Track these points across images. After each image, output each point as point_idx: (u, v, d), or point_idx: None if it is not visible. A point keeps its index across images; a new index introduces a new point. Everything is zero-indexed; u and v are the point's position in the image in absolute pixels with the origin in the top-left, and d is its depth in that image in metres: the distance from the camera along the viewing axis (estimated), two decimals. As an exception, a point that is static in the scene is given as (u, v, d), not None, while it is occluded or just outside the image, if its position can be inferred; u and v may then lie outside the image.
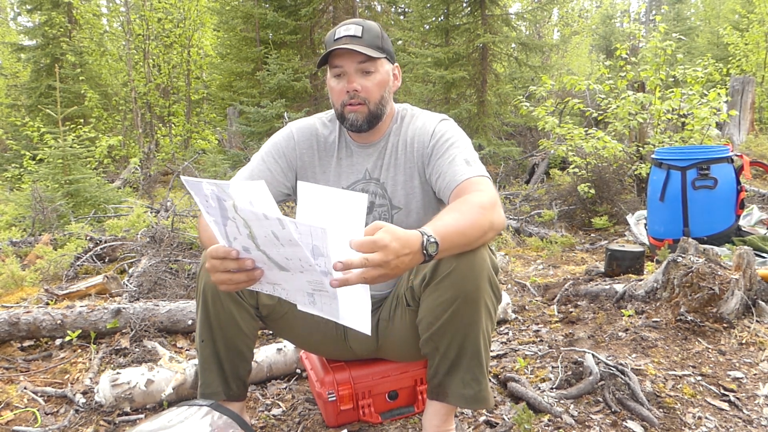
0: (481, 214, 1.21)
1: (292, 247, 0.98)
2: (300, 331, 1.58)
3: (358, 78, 1.43)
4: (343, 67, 1.43)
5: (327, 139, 1.58)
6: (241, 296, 1.44)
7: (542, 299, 2.83)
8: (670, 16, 19.19)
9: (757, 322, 2.12)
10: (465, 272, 1.26)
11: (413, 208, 1.53)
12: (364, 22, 1.45)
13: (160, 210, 4.73)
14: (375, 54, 1.42)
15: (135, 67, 13.15)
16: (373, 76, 1.44)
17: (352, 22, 1.45)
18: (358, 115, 1.46)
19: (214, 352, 1.48)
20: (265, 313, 1.51)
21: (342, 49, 1.40)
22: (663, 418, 1.61)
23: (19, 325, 2.27)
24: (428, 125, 1.52)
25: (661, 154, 3.51)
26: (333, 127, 1.60)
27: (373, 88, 1.45)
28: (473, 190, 1.30)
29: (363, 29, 1.43)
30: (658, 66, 5.13)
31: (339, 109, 1.48)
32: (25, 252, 4.06)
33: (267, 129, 8.88)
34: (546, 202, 5.62)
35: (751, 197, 4.89)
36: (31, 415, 1.83)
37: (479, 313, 1.30)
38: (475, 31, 9.03)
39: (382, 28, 1.50)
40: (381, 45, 1.45)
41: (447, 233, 1.13)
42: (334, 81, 1.47)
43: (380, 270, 1.00)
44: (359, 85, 1.43)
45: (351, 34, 1.42)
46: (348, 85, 1.44)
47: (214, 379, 1.49)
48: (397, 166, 1.53)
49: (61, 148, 5.70)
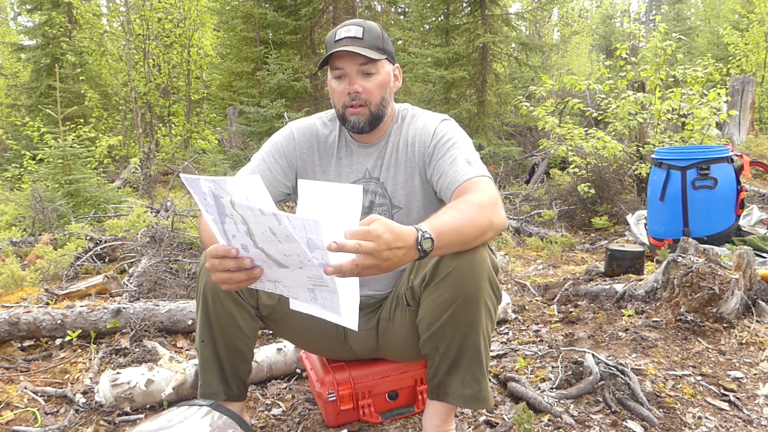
0: (480, 213, 1.21)
1: (289, 243, 0.98)
2: (300, 331, 1.58)
3: (359, 79, 1.43)
4: (344, 69, 1.43)
5: (327, 139, 1.59)
6: (242, 296, 1.44)
7: (542, 299, 2.83)
8: (670, 16, 19.20)
9: (757, 322, 2.12)
10: (465, 272, 1.26)
11: (414, 207, 1.53)
12: (364, 23, 1.45)
13: (160, 210, 4.74)
14: (376, 56, 1.42)
15: (135, 67, 13.15)
16: (374, 78, 1.44)
17: (352, 23, 1.45)
18: (360, 117, 1.46)
19: (214, 352, 1.48)
20: (265, 313, 1.51)
21: (343, 51, 1.40)
22: (663, 418, 1.61)
23: (19, 325, 2.27)
24: (429, 125, 1.52)
25: (661, 154, 3.51)
26: (333, 126, 1.60)
27: (374, 90, 1.45)
28: (474, 190, 1.30)
29: (364, 30, 1.43)
30: (658, 66, 5.13)
31: (340, 110, 1.48)
32: (25, 252, 4.06)
33: (267, 129, 8.87)
34: (546, 202, 5.62)
35: (751, 197, 4.89)
36: (31, 415, 1.83)
37: (479, 313, 1.30)
38: (475, 31, 9.03)
39: (383, 29, 1.50)
40: (382, 46, 1.45)
41: (443, 230, 1.12)
42: (335, 82, 1.47)
43: (371, 259, 1.00)
44: (360, 86, 1.43)
45: (352, 35, 1.42)
46: (349, 86, 1.44)
47: (214, 379, 1.49)
48: (398, 166, 1.54)
49: (61, 148, 5.70)
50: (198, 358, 1.52)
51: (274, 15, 10.62)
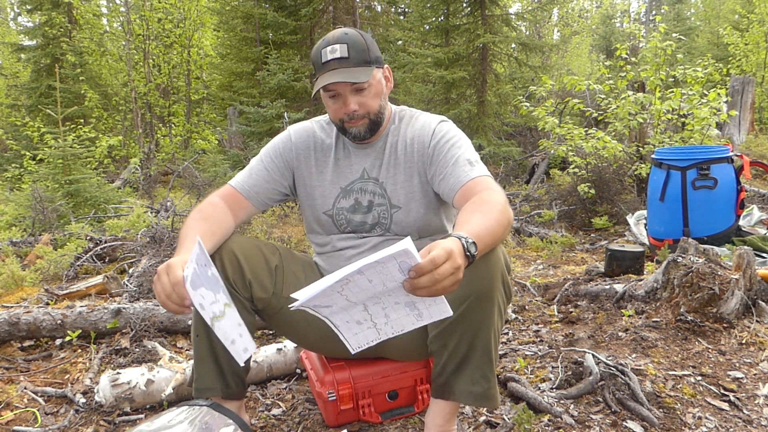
0: (502, 213, 1.23)
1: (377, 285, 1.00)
2: (298, 328, 1.58)
3: (354, 97, 1.45)
4: (336, 90, 1.45)
5: (324, 142, 1.61)
6: (236, 289, 1.44)
7: (542, 299, 2.83)
8: (670, 16, 19.19)
9: (757, 322, 2.12)
10: (480, 270, 1.26)
11: (413, 207, 1.54)
12: (348, 37, 1.44)
13: (160, 210, 4.74)
14: (365, 76, 1.43)
15: (135, 67, 13.14)
16: (368, 91, 1.46)
17: (335, 40, 1.44)
18: (360, 128, 1.49)
19: (209, 347, 1.46)
20: (260, 306, 1.51)
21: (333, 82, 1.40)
22: (663, 418, 1.61)
23: (19, 325, 2.27)
24: (428, 126, 1.54)
25: (661, 154, 3.51)
26: (331, 130, 1.63)
27: (370, 102, 1.47)
28: (484, 189, 1.32)
29: (348, 47, 1.42)
30: (658, 66, 5.13)
31: (338, 124, 1.51)
32: (25, 252, 4.06)
33: (267, 129, 8.88)
34: (546, 202, 5.62)
35: (751, 197, 4.90)
36: (31, 415, 1.83)
37: (492, 311, 1.30)
38: (475, 31, 9.03)
39: (365, 34, 1.49)
40: (369, 58, 1.45)
41: (481, 234, 1.13)
42: (330, 101, 1.48)
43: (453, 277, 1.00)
44: (356, 104, 1.45)
45: (338, 56, 1.42)
46: (345, 108, 1.46)
47: (209, 374, 1.48)
48: (397, 166, 1.55)
49: (61, 148, 5.70)
50: (193, 354, 1.51)
51: (274, 15, 10.61)
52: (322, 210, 1.61)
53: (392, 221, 1.56)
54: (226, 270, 1.42)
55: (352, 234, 1.60)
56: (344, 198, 1.58)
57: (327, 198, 1.60)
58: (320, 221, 1.62)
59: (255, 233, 4.39)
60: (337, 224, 1.60)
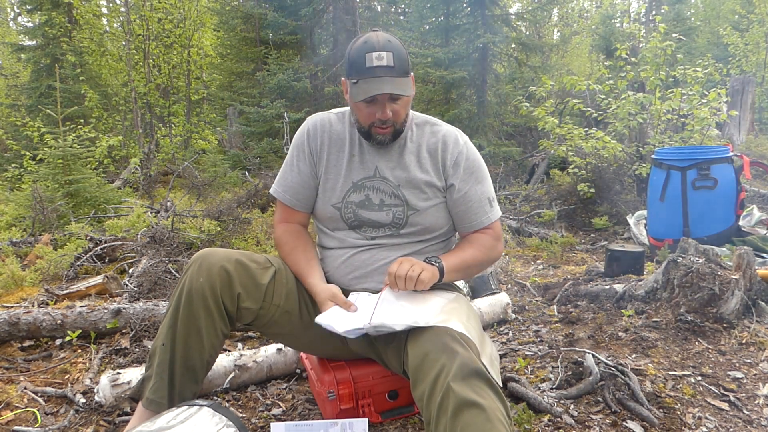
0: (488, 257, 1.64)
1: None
2: (295, 335, 1.60)
3: (390, 104, 1.48)
4: (375, 96, 1.46)
5: (340, 135, 1.63)
6: (223, 302, 1.45)
7: (542, 299, 2.83)
8: (670, 17, 19.15)
9: (757, 322, 2.12)
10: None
11: (430, 211, 1.60)
12: (392, 45, 1.45)
13: (160, 210, 4.74)
14: (410, 89, 1.48)
15: (135, 68, 13.13)
16: (403, 100, 1.50)
17: (383, 47, 1.44)
18: (386, 136, 1.53)
19: (170, 363, 1.45)
20: (249, 318, 1.52)
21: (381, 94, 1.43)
22: (663, 418, 1.61)
23: (19, 325, 2.27)
24: (454, 143, 1.60)
25: (661, 154, 3.51)
26: (347, 123, 1.65)
27: (401, 111, 1.51)
28: (490, 235, 1.64)
29: (394, 56, 1.44)
30: (658, 66, 5.13)
31: (365, 127, 1.53)
32: (25, 252, 4.06)
33: (267, 129, 8.87)
34: (546, 202, 5.62)
35: (751, 197, 4.89)
36: (31, 415, 1.82)
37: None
38: (475, 32, 9.03)
39: (403, 43, 1.51)
40: (408, 68, 1.49)
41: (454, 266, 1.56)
42: (363, 104, 1.49)
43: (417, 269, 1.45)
44: (391, 111, 1.48)
45: (384, 64, 1.43)
46: (382, 114, 1.48)
47: (163, 387, 1.46)
48: (414, 170, 1.58)
49: (61, 148, 5.69)
50: (154, 358, 1.49)
51: (274, 15, 10.60)
52: (330, 202, 1.62)
53: (408, 222, 1.59)
54: (214, 284, 1.43)
55: (357, 232, 1.63)
56: (354, 193, 1.60)
57: (338, 190, 1.61)
58: (326, 213, 1.63)
59: (255, 233, 4.39)
60: (344, 218, 1.61)
